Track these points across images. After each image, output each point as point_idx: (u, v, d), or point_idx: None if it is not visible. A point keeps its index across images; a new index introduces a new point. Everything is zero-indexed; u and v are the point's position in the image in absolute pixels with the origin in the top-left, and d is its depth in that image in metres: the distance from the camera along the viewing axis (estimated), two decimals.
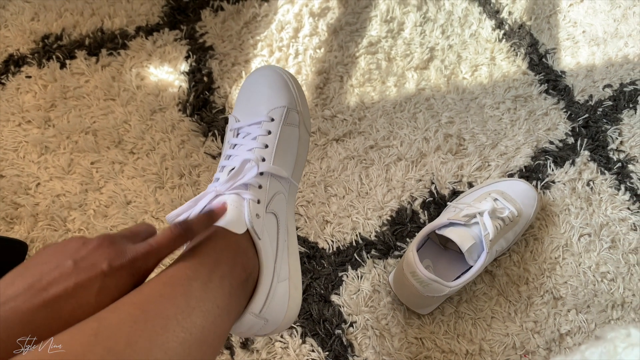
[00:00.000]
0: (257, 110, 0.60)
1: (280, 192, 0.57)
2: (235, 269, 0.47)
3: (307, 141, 0.64)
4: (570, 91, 1.00)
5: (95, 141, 0.89)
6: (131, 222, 0.83)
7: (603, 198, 0.89)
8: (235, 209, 0.50)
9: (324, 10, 1.06)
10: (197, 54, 0.99)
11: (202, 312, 0.40)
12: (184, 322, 0.38)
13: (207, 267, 0.44)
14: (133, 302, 0.38)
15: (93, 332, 0.34)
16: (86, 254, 0.39)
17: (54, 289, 0.37)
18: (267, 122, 0.59)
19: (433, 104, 0.97)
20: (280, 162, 0.58)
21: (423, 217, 0.87)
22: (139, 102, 0.93)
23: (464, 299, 0.80)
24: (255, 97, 0.62)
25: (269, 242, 0.53)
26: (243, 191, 0.52)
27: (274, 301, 0.51)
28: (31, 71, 0.95)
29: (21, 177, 0.85)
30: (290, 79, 0.63)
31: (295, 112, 0.62)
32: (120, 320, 0.36)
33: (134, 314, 0.36)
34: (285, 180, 0.59)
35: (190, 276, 0.42)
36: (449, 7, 1.10)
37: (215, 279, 0.44)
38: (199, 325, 0.39)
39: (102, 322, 0.35)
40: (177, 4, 1.05)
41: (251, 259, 0.50)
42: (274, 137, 0.58)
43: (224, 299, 0.44)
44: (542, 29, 1.08)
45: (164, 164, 0.88)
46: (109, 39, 1.00)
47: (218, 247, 0.47)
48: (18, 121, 0.90)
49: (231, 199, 0.51)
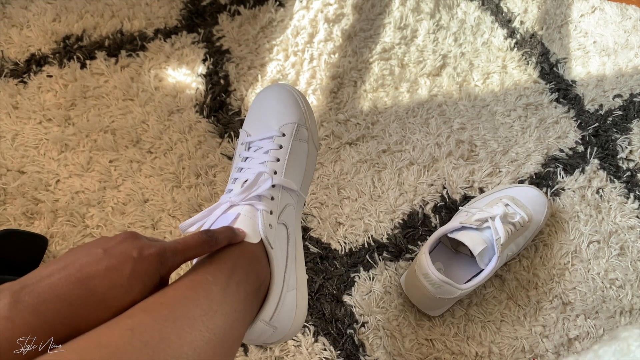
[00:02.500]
0: (268, 126, 0.63)
1: (290, 204, 0.59)
2: (250, 277, 0.49)
3: (314, 156, 0.66)
4: (581, 100, 1.02)
5: (114, 140, 0.91)
6: (148, 219, 0.84)
7: (612, 206, 0.91)
8: (250, 219, 0.52)
9: (338, 17, 1.08)
10: (214, 57, 1.01)
11: (223, 315, 0.42)
12: (208, 323, 0.40)
13: (225, 273, 0.46)
14: (161, 302, 0.40)
15: (129, 327, 0.36)
16: (115, 244, 0.41)
17: (86, 269, 0.38)
18: (278, 136, 0.61)
19: (445, 110, 0.99)
20: (290, 175, 0.60)
21: (434, 221, 0.88)
22: (157, 102, 0.95)
23: (474, 302, 0.82)
24: (267, 113, 0.64)
25: (280, 252, 0.55)
26: (256, 202, 0.54)
27: (283, 309, 0.53)
28: (52, 71, 0.97)
29: (42, 173, 0.87)
30: (300, 96, 0.66)
31: (304, 128, 0.64)
32: (152, 318, 0.37)
33: (163, 313, 0.38)
34: (295, 193, 0.61)
35: (210, 281, 0.44)
36: (462, 15, 1.11)
37: (233, 285, 0.46)
38: (221, 327, 0.41)
39: (135, 319, 0.37)
40: (195, 7, 1.07)
41: (264, 267, 0.52)
42: (285, 151, 0.61)
43: (240, 304, 0.45)
44: (554, 38, 1.10)
45: (181, 163, 0.89)
46: (128, 40, 1.02)
47: (234, 254, 0.49)
48: (39, 119, 0.92)
49: (245, 209, 0.53)
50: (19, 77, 0.96)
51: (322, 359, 0.77)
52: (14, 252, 0.75)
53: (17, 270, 0.76)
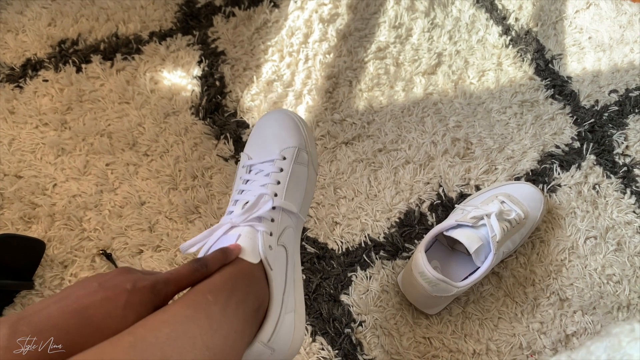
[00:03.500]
0: (269, 149, 0.64)
1: (289, 227, 0.60)
2: (249, 297, 0.49)
3: (314, 180, 0.68)
4: (576, 96, 1.02)
5: (110, 143, 0.91)
6: (145, 222, 0.85)
7: (609, 201, 0.91)
8: (250, 240, 0.53)
9: (333, 17, 1.09)
10: (210, 58, 1.01)
11: (222, 335, 0.43)
12: (208, 343, 0.41)
13: (225, 294, 0.47)
14: (162, 320, 0.40)
15: (130, 344, 0.36)
16: (109, 278, 0.42)
17: (82, 300, 0.40)
18: (279, 160, 0.62)
19: (441, 109, 0.99)
20: (290, 198, 0.61)
21: (431, 219, 0.88)
22: (153, 105, 0.95)
23: (471, 300, 0.82)
24: (268, 137, 0.65)
25: (279, 273, 0.56)
26: (257, 224, 0.55)
27: (281, 331, 0.53)
28: (48, 75, 0.98)
29: (38, 178, 0.87)
30: (301, 122, 0.67)
31: (305, 152, 0.65)
32: (153, 336, 0.38)
33: (164, 331, 0.39)
34: (295, 215, 0.62)
35: (210, 301, 0.45)
36: (457, 13, 1.11)
37: (232, 305, 0.46)
38: (220, 346, 0.42)
39: (137, 337, 0.37)
40: (189, 10, 1.08)
41: (263, 288, 0.53)
42: (285, 174, 0.62)
43: (239, 324, 0.46)
44: (549, 35, 1.10)
45: (177, 165, 0.90)
46: (123, 43, 1.02)
47: (234, 275, 0.50)
48: (35, 123, 0.92)
49: (245, 230, 0.54)
50: (15, 82, 0.96)
51: (320, 358, 0.77)
52: (12, 257, 0.75)
53: (16, 274, 0.76)
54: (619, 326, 0.41)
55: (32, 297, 0.78)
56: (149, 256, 0.82)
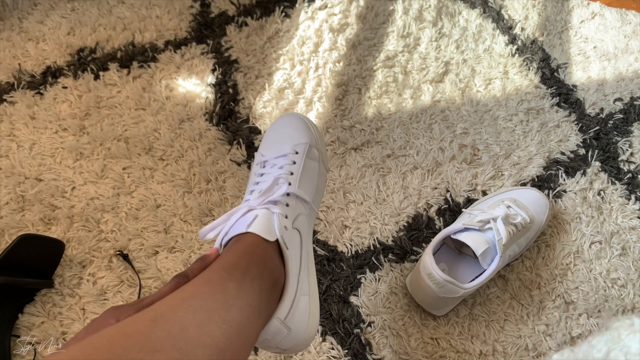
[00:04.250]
0: (282, 147, 0.68)
1: (303, 214, 0.63)
2: (265, 273, 0.51)
3: (325, 176, 0.71)
4: (582, 104, 1.04)
5: (127, 148, 0.94)
6: (160, 224, 0.87)
7: (614, 207, 0.92)
8: (267, 220, 0.55)
9: (343, 26, 1.11)
10: (223, 67, 1.04)
11: (238, 308, 0.45)
12: (225, 316, 0.43)
13: (240, 270, 0.49)
14: (180, 297, 0.43)
15: (152, 318, 0.39)
16: (95, 320, 0.43)
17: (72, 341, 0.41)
18: (292, 154, 0.66)
19: (448, 116, 1.01)
20: (303, 188, 0.64)
21: (439, 224, 0.90)
22: (168, 111, 0.98)
23: (477, 302, 0.83)
24: (280, 138, 0.69)
25: (294, 254, 0.58)
26: (273, 206, 0.58)
27: (297, 311, 0.55)
28: (67, 82, 1.01)
29: (58, 181, 0.90)
30: (311, 123, 0.71)
31: (315, 149, 0.69)
32: (172, 311, 0.41)
33: (183, 306, 0.41)
34: (307, 204, 0.64)
35: (225, 277, 0.47)
36: (464, 23, 1.14)
37: (247, 281, 0.48)
38: (237, 319, 0.44)
39: (157, 312, 0.40)
40: (203, 19, 1.11)
41: (278, 266, 0.55)
42: (298, 166, 0.65)
43: (255, 299, 0.48)
44: (554, 44, 1.12)
45: (191, 170, 0.92)
46: (139, 52, 1.05)
47: (249, 252, 0.52)
48: (55, 129, 0.95)
49: (262, 212, 0.56)
50: (36, 89, 1.00)
51: (329, 357, 0.79)
52: (32, 256, 0.78)
53: (36, 273, 0.79)
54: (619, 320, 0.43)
55: (52, 295, 0.80)
56: (164, 257, 0.85)
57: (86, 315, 0.80)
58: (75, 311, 0.80)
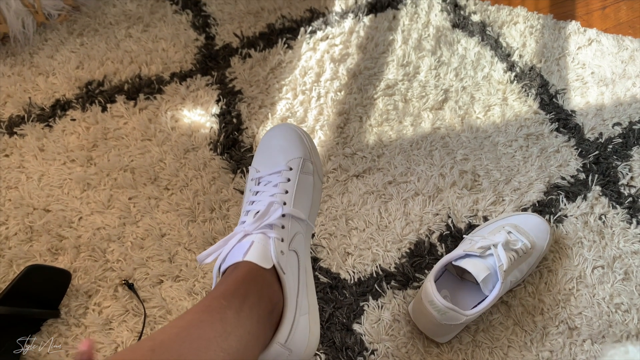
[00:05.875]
0: (276, 161, 0.68)
1: (299, 233, 0.64)
2: (263, 300, 0.52)
3: (320, 188, 0.72)
4: (581, 129, 1.05)
5: (133, 178, 0.96)
6: (165, 253, 0.88)
7: (615, 232, 0.93)
8: (262, 247, 0.56)
9: (344, 56, 1.14)
10: (227, 97, 1.07)
11: (236, 336, 0.46)
12: (223, 344, 0.44)
13: (239, 298, 0.50)
14: (178, 325, 0.44)
15: (150, 348, 0.40)
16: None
17: None
18: (286, 170, 0.67)
19: (448, 142, 1.03)
20: (298, 205, 0.65)
21: (440, 250, 0.91)
22: (174, 142, 1.00)
23: (480, 328, 0.83)
24: (274, 150, 0.70)
25: (292, 277, 0.59)
26: (268, 230, 0.58)
27: (297, 332, 0.56)
28: (76, 114, 1.04)
29: (65, 211, 0.92)
30: (304, 134, 0.72)
31: (309, 162, 0.69)
32: (170, 340, 0.42)
33: (181, 335, 0.42)
34: (303, 222, 0.65)
35: (224, 305, 0.48)
36: (462, 51, 1.16)
37: (246, 309, 0.49)
38: (235, 347, 0.45)
39: (155, 341, 0.41)
40: (208, 52, 1.14)
41: (276, 292, 0.56)
42: (292, 184, 0.66)
43: (253, 327, 0.49)
44: (552, 70, 1.14)
45: (196, 199, 0.94)
46: (146, 84, 1.08)
47: (247, 280, 0.53)
48: (63, 160, 0.98)
49: (258, 237, 0.57)
50: (45, 122, 1.02)
51: None
52: (40, 286, 0.79)
53: (43, 303, 0.80)
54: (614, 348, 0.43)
55: (58, 325, 0.81)
56: (169, 286, 0.86)
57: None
58: (81, 341, 0.81)
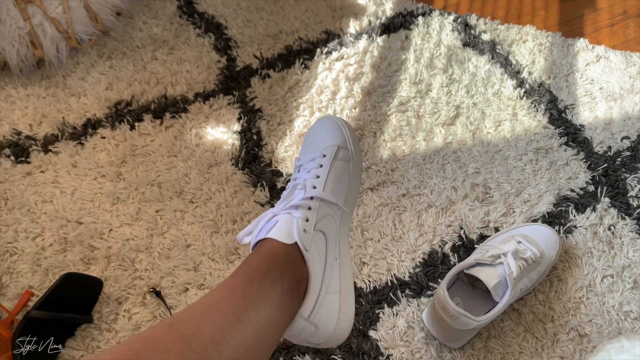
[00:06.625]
0: (313, 150, 0.74)
1: (329, 215, 0.66)
2: (286, 274, 0.56)
3: (359, 175, 0.75)
4: (590, 143, 1.08)
5: (160, 192, 1.01)
6: (190, 263, 0.93)
7: (624, 242, 0.95)
8: (286, 225, 0.60)
9: (358, 75, 1.19)
10: (248, 115, 1.13)
11: (256, 307, 0.49)
12: (241, 316, 0.48)
13: (261, 273, 0.54)
14: (200, 302, 0.48)
15: (169, 323, 0.45)
16: None
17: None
18: (319, 157, 0.71)
19: (460, 156, 1.07)
20: (330, 190, 0.68)
21: (453, 260, 0.94)
22: (198, 157, 1.06)
23: (492, 335, 0.86)
24: (314, 140, 0.75)
25: (317, 255, 0.61)
26: (294, 211, 0.62)
27: (322, 309, 0.58)
28: (105, 133, 1.10)
29: (96, 224, 0.98)
30: (343, 124, 0.76)
31: (346, 150, 0.73)
32: (189, 315, 0.46)
33: (200, 310, 0.47)
34: (335, 206, 0.68)
35: (246, 281, 0.52)
36: (473, 69, 1.21)
37: (268, 282, 0.53)
38: (254, 319, 0.48)
39: (175, 317, 0.46)
40: (230, 73, 1.20)
41: (299, 267, 0.58)
42: (324, 169, 0.70)
43: (275, 298, 0.52)
44: (561, 86, 1.17)
45: (219, 211, 0.99)
46: (171, 104, 1.15)
47: (270, 255, 0.57)
48: (94, 175, 1.04)
49: (283, 217, 0.61)
50: (77, 140, 1.09)
51: None
52: (74, 294, 0.84)
53: (77, 309, 0.85)
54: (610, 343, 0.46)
55: (91, 330, 0.86)
56: (194, 293, 0.90)
57: None
58: (112, 345, 0.85)
